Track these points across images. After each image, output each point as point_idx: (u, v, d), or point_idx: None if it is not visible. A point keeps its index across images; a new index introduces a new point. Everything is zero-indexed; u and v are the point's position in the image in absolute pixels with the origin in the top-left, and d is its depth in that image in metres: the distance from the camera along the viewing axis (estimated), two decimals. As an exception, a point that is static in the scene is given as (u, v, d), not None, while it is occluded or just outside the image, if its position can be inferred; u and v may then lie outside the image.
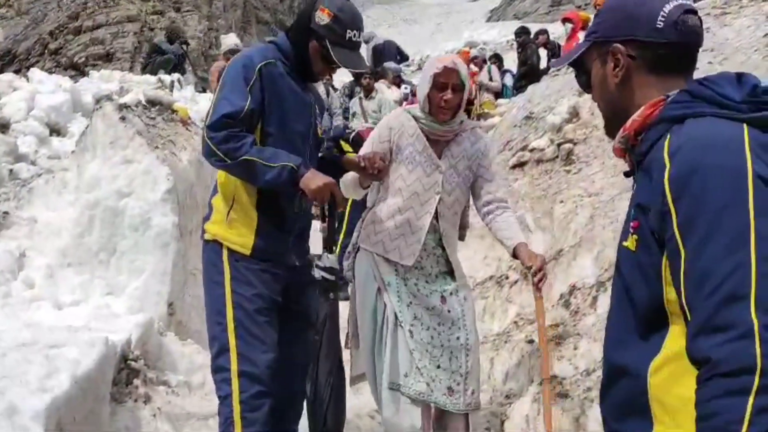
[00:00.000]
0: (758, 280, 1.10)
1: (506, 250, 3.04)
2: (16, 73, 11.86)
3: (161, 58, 12.27)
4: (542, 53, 11.17)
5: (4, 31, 17.40)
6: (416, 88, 3.63)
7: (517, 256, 2.96)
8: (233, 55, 3.44)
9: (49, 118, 7.71)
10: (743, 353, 1.08)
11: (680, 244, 1.18)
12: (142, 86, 9.23)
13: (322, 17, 2.58)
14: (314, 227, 4.06)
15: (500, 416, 3.56)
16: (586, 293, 3.84)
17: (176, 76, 11.41)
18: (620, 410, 1.33)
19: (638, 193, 1.31)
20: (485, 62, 11.80)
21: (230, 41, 9.41)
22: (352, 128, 7.12)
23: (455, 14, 29.66)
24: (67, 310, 3.95)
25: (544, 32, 11.58)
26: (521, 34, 11.80)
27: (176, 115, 5.06)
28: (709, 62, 4.62)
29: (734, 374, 1.08)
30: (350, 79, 7.84)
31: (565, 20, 9.62)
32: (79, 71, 16.74)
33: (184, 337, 4.10)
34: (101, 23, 19.24)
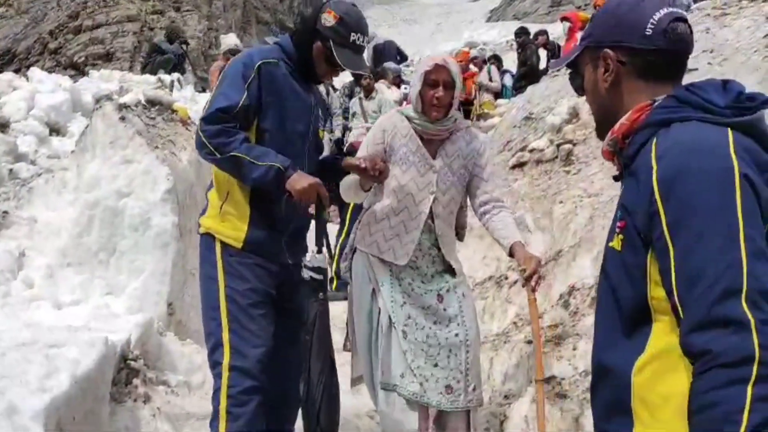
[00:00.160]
0: (749, 277, 1.14)
1: (503, 249, 3.04)
2: (15, 72, 11.84)
3: (161, 57, 12.28)
4: (542, 54, 11.18)
5: (3, 30, 17.40)
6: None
7: (513, 255, 2.96)
8: (233, 55, 3.45)
9: (48, 117, 7.71)
10: (742, 345, 1.11)
11: (669, 243, 1.21)
12: (141, 86, 9.25)
13: (328, 19, 2.61)
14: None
15: (499, 416, 3.56)
16: (585, 293, 3.84)
17: (176, 75, 11.43)
18: (607, 410, 1.36)
19: (625, 194, 1.34)
20: (485, 63, 11.81)
21: (230, 41, 9.43)
22: (351, 129, 7.12)
23: (455, 14, 29.64)
24: (66, 309, 3.95)
25: (543, 33, 11.59)
26: (521, 34, 11.81)
27: (176, 115, 5.06)
28: (708, 63, 4.63)
29: (734, 365, 1.11)
30: (350, 79, 7.83)
31: (563, 19, 9.64)
32: (78, 71, 16.72)
33: (183, 337, 4.10)
34: (101, 23, 19.22)
